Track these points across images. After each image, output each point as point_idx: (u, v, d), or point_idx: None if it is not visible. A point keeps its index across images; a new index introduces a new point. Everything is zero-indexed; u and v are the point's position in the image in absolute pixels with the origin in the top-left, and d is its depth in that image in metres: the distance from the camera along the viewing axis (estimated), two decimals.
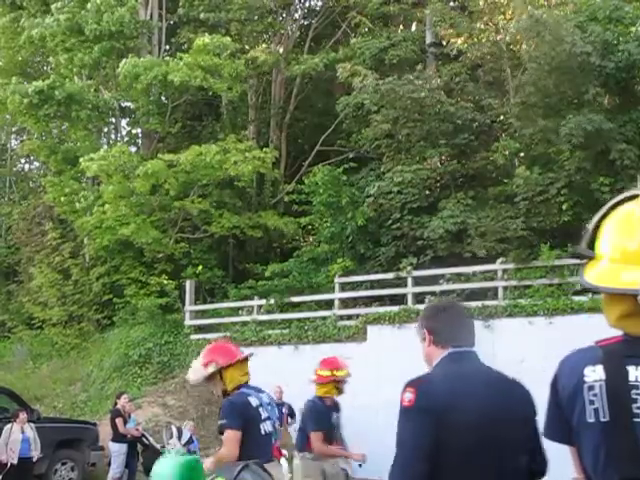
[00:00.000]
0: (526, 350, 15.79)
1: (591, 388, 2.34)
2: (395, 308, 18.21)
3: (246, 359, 5.93)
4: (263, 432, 5.60)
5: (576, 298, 16.14)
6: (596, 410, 2.32)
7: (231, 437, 5.40)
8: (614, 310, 2.42)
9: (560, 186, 18.35)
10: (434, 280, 18.80)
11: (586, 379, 2.36)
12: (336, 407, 8.49)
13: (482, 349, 13.78)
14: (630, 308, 2.34)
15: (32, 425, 14.17)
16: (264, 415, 5.69)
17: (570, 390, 2.39)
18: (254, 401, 5.68)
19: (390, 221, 20.66)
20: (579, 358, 2.44)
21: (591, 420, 2.33)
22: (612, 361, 2.34)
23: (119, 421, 15.49)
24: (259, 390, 5.90)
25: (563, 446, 2.48)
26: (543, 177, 18.69)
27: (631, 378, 2.27)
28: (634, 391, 2.26)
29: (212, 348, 5.98)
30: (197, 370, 5.77)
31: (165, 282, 22.60)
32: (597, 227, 2.48)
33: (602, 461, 2.30)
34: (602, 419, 2.30)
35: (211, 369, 5.67)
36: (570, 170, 18.49)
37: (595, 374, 2.34)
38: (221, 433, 5.59)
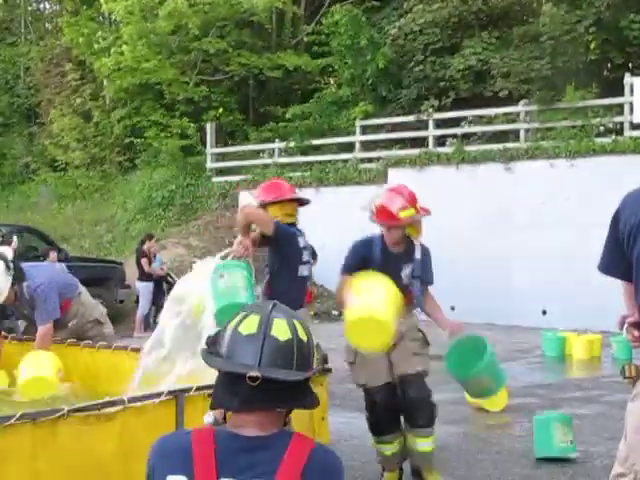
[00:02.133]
0: (547, 192, 15.84)
1: None
2: (416, 151, 18.16)
3: (294, 200, 5.80)
4: (300, 274, 5.50)
5: (598, 140, 16.01)
6: None
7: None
8: None
9: (588, 24, 17.86)
10: (456, 122, 18.65)
11: None
12: None
13: (503, 191, 14.05)
14: None
15: (62, 264, 14.54)
16: (305, 258, 5.59)
17: (632, 225, 2.37)
18: (301, 240, 5.61)
19: (412, 63, 20.30)
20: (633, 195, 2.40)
21: None
22: None
23: (144, 261, 15.88)
24: (302, 234, 5.73)
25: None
26: (570, 15, 18.17)
27: None
28: None
29: (263, 186, 5.84)
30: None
31: (186, 124, 22.55)
32: None
33: None
34: None
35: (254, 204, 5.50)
36: (600, 7, 17.95)
37: None
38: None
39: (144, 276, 15.93)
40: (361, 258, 5.27)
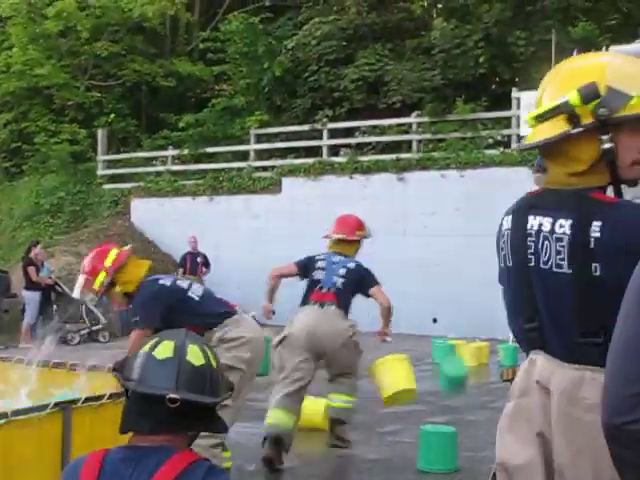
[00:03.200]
0: (438, 202, 16.15)
1: (502, 236, 2.49)
2: (310, 160, 18.26)
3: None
4: (197, 297, 5.21)
5: (488, 152, 16.45)
6: (505, 256, 2.47)
7: (136, 337, 4.94)
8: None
9: (477, 39, 18.38)
10: (349, 132, 18.85)
11: (502, 228, 2.50)
12: None
13: (395, 201, 14.24)
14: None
15: None
16: (185, 284, 5.30)
17: (497, 237, 2.54)
18: (167, 280, 5.27)
19: (307, 73, 20.43)
20: (507, 208, 2.56)
21: (502, 265, 2.50)
22: (518, 211, 2.46)
23: (32, 269, 15.43)
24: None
25: None
26: (460, 29, 18.64)
27: (528, 227, 2.39)
28: (529, 239, 2.38)
29: (91, 256, 5.35)
30: (82, 287, 5.26)
31: (76, 130, 22.06)
32: None
33: (512, 304, 2.48)
34: (508, 264, 2.46)
35: (100, 281, 5.13)
36: (488, 23, 18.48)
37: (507, 223, 2.48)
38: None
39: (31, 285, 15.47)
40: None
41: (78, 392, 4.64)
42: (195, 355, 2.20)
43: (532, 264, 2.37)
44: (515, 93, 16.58)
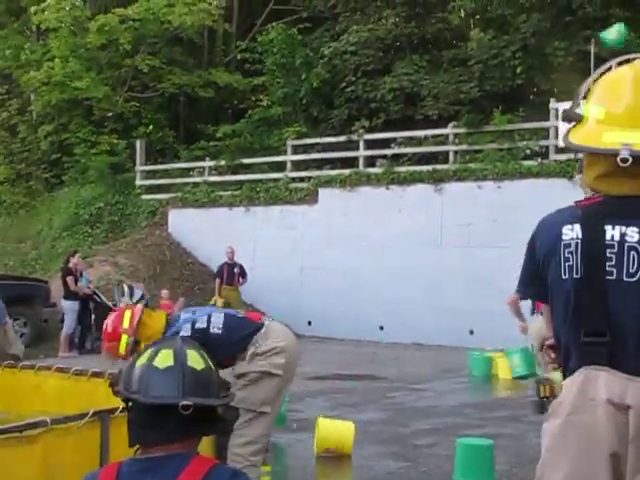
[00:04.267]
0: (474, 214, 16.08)
1: (567, 246, 2.40)
2: (346, 171, 18.28)
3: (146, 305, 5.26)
4: (219, 330, 4.96)
5: (525, 163, 16.35)
6: (570, 267, 2.39)
7: None
8: (593, 170, 2.45)
9: (515, 49, 18.29)
10: (386, 143, 18.84)
11: (564, 237, 2.41)
12: None
13: (431, 212, 14.23)
14: (608, 169, 2.38)
15: None
16: (204, 323, 5.03)
17: (547, 248, 2.45)
18: (185, 329, 5.01)
19: (344, 83, 20.47)
20: (558, 217, 2.49)
21: (565, 277, 2.40)
22: (589, 220, 2.39)
23: (70, 279, 15.59)
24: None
25: None
26: (498, 40, 18.57)
27: (607, 237, 2.33)
28: (609, 250, 2.32)
29: (109, 324, 5.18)
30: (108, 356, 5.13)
31: (115, 141, 22.30)
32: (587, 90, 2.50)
33: (570, 316, 2.39)
34: (575, 275, 2.38)
35: (125, 344, 5.00)
36: (526, 33, 18.39)
37: (572, 232, 2.40)
38: None
39: (70, 294, 15.63)
40: None
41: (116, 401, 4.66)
42: (195, 360, 2.21)
43: (613, 277, 2.31)
44: (553, 104, 16.46)
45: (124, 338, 5.12)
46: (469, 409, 9.66)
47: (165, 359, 2.18)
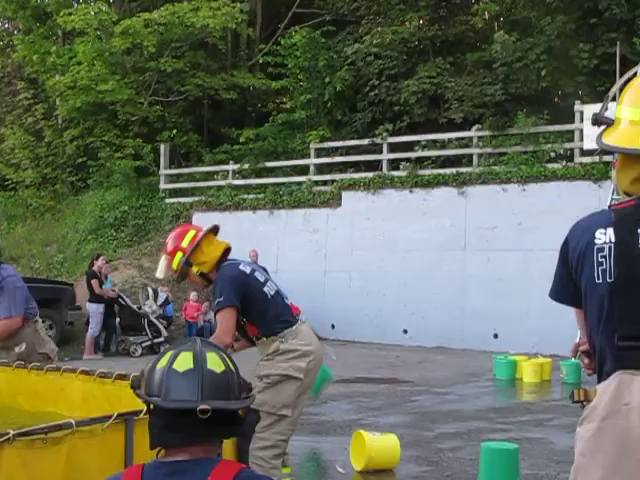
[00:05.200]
0: (498, 217, 16.02)
1: (600, 250, 2.37)
2: (370, 174, 18.27)
3: (211, 231, 5.36)
4: (269, 296, 5.03)
5: (549, 166, 16.26)
6: (604, 271, 2.36)
7: (226, 315, 4.83)
8: (629, 173, 2.42)
9: (539, 52, 18.20)
10: (409, 147, 18.81)
11: (597, 241, 2.39)
12: None
13: (455, 215, 14.19)
14: None
15: None
16: (262, 278, 5.13)
17: (580, 252, 2.43)
18: (247, 268, 5.15)
19: (367, 87, 20.47)
20: (590, 221, 2.46)
21: (599, 281, 2.38)
22: (623, 224, 2.36)
23: (95, 282, 15.69)
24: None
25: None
26: (522, 42, 18.49)
27: None
28: None
29: (171, 236, 5.29)
30: (164, 267, 5.18)
31: (140, 145, 22.42)
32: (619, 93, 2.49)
33: (604, 320, 2.36)
34: (608, 280, 2.35)
35: (177, 261, 5.07)
36: (550, 35, 18.30)
37: (605, 236, 2.37)
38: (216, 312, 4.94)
39: (95, 297, 15.73)
40: None
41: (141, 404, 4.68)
42: (215, 363, 2.21)
43: None
44: (578, 106, 16.37)
45: (178, 254, 5.14)
46: (493, 413, 9.61)
47: (185, 362, 2.19)
